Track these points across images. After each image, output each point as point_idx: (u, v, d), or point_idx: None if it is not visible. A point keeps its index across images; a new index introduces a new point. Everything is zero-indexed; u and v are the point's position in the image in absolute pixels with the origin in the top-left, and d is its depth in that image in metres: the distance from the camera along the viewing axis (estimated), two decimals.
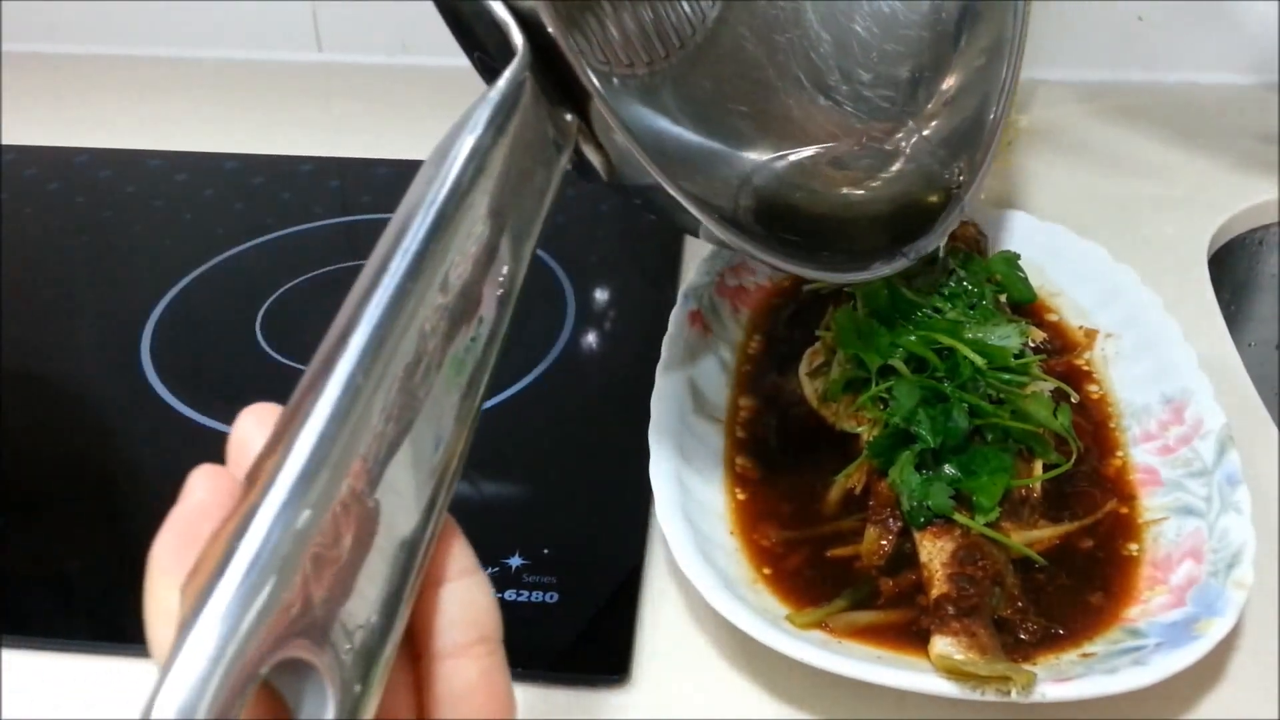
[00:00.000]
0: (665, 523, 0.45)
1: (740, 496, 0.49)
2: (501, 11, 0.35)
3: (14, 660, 0.45)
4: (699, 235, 0.44)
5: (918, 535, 0.45)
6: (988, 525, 0.44)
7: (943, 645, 0.40)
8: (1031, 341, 0.54)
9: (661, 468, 0.47)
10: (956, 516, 0.44)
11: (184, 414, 0.57)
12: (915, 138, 0.56)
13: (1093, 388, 0.55)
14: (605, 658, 0.44)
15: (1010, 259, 0.57)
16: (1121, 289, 0.58)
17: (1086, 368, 0.56)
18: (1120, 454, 0.51)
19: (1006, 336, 0.50)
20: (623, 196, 0.42)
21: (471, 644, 0.27)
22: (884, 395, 0.48)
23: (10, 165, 0.79)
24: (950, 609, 0.41)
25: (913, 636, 0.43)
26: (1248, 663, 0.43)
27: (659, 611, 0.46)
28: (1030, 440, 0.48)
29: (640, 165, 0.38)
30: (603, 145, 0.38)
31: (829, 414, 0.52)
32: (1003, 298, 0.55)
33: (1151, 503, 0.48)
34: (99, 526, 0.51)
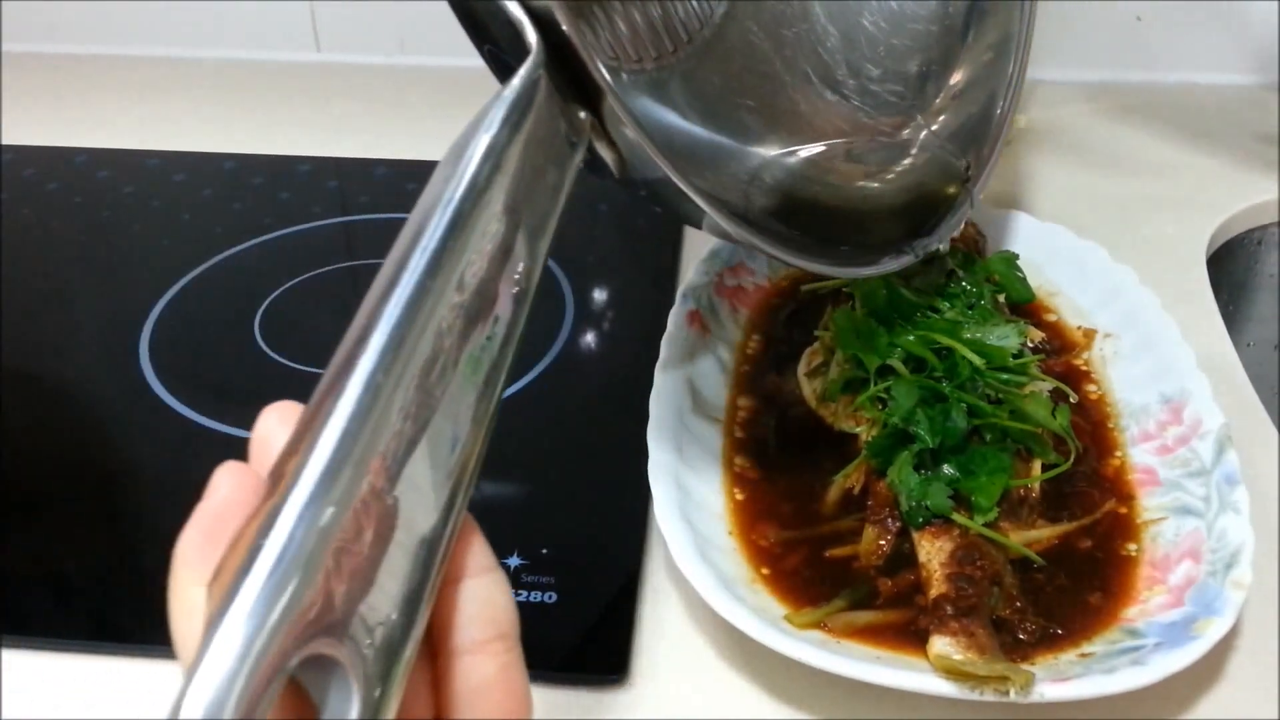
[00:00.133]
0: (664, 523, 0.45)
1: (739, 496, 0.49)
2: (516, 10, 0.35)
3: (14, 660, 0.45)
4: (703, 228, 0.44)
5: (916, 535, 0.45)
6: (986, 525, 0.45)
7: (941, 645, 0.40)
8: (1030, 341, 0.54)
9: (660, 468, 0.47)
10: (955, 516, 0.44)
11: (183, 414, 0.57)
12: (923, 133, 0.56)
13: (1091, 388, 0.55)
14: (604, 658, 0.44)
15: (1009, 259, 0.57)
16: (1120, 289, 0.58)
17: (1085, 368, 0.56)
18: (1119, 454, 0.51)
19: (1005, 336, 0.50)
20: (631, 191, 0.42)
21: (489, 640, 0.27)
22: (882, 395, 0.48)
23: (10, 165, 0.79)
24: (949, 609, 0.41)
25: (911, 636, 0.43)
26: (1246, 663, 0.43)
27: (658, 611, 0.46)
28: (1029, 440, 0.48)
29: (650, 159, 0.38)
30: (615, 141, 0.38)
31: (828, 414, 0.52)
32: (1001, 298, 0.55)
33: (1150, 503, 0.48)
34: (98, 526, 0.51)
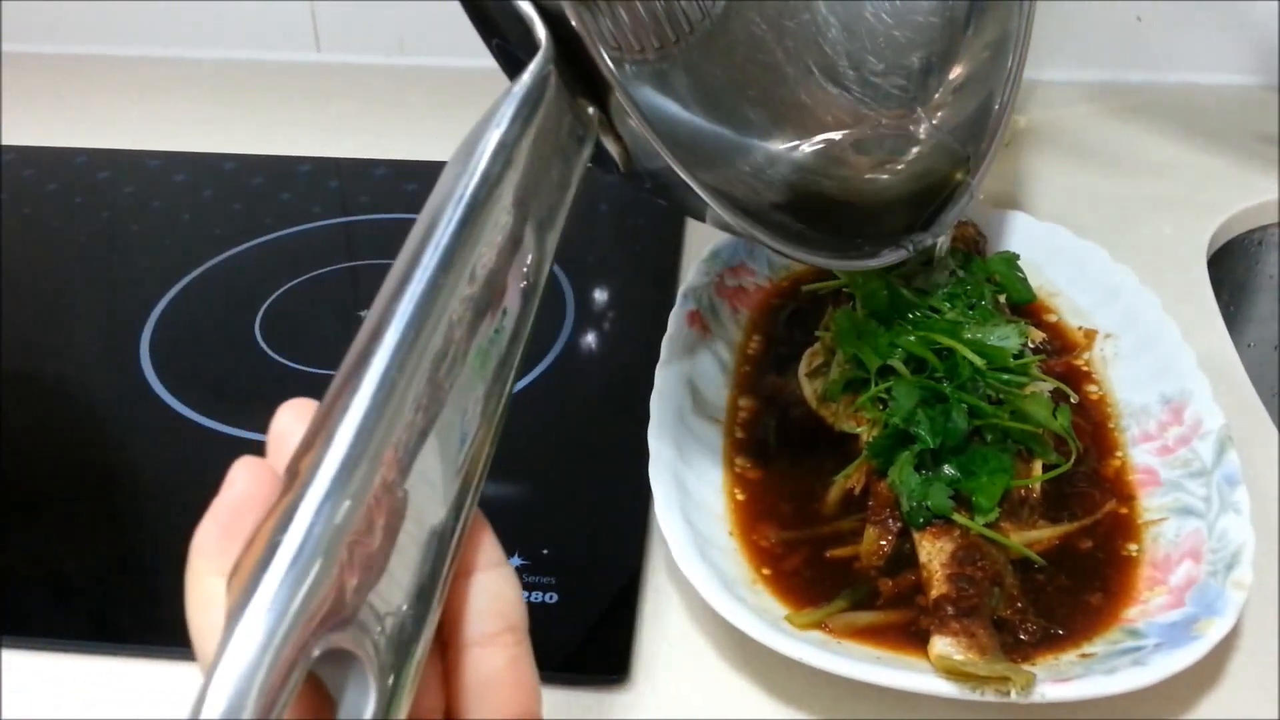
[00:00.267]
0: (665, 523, 0.45)
1: (739, 497, 0.49)
2: (526, 6, 0.35)
3: (14, 660, 0.45)
4: (707, 220, 0.44)
5: (917, 536, 0.45)
6: (987, 526, 0.45)
7: (942, 646, 0.40)
8: (1031, 342, 0.54)
9: (661, 468, 0.47)
10: (956, 517, 0.44)
11: (183, 414, 0.57)
12: (925, 125, 0.56)
13: (1092, 388, 0.55)
14: (605, 658, 0.44)
15: (1009, 259, 0.57)
16: (1121, 289, 0.58)
17: (1086, 368, 0.56)
18: (1119, 454, 0.51)
19: (1006, 337, 0.50)
20: (637, 186, 0.43)
21: (499, 634, 0.27)
22: (883, 396, 0.48)
23: (10, 165, 0.79)
24: (950, 609, 0.41)
25: (912, 637, 0.43)
26: (1247, 663, 0.43)
27: (658, 612, 0.46)
28: (1029, 441, 0.48)
29: (653, 149, 0.38)
30: (621, 135, 0.38)
31: (828, 414, 0.52)
32: (1002, 298, 0.55)
33: (1151, 503, 0.48)
34: (99, 526, 0.51)
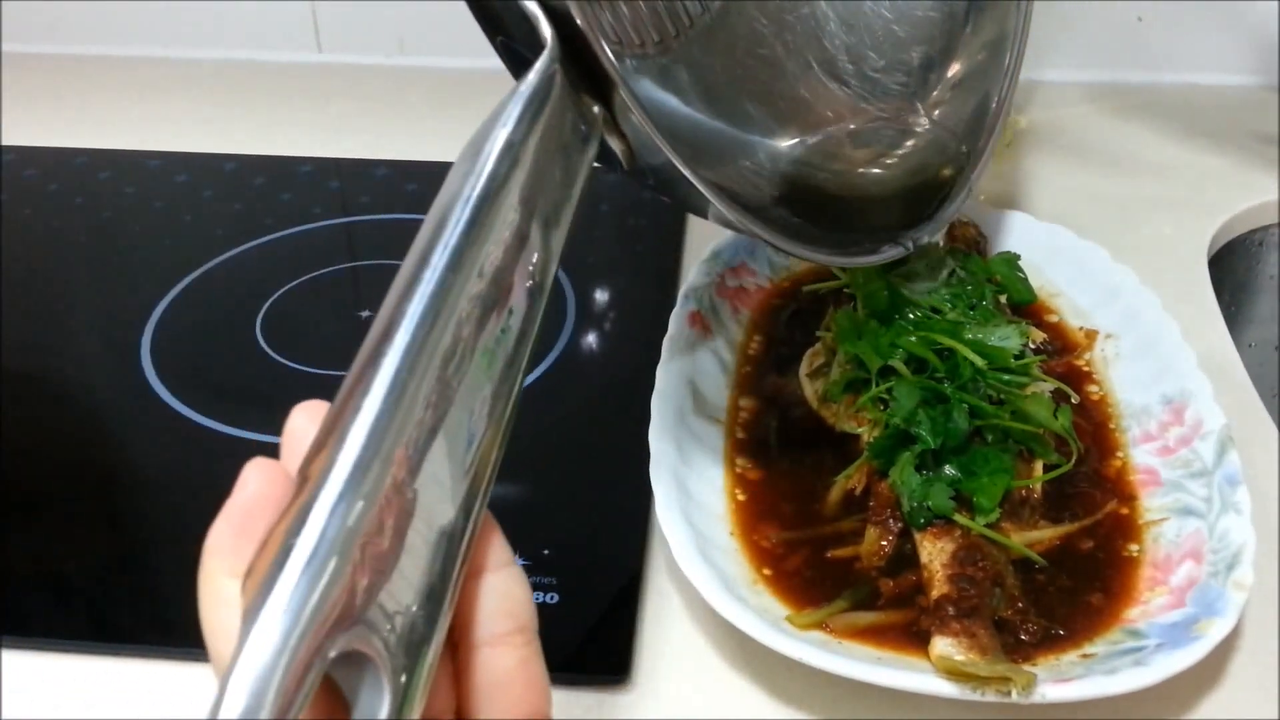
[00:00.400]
0: (665, 523, 0.45)
1: (740, 497, 0.49)
2: (531, 5, 0.35)
3: (14, 660, 0.45)
4: (709, 217, 0.44)
5: (918, 536, 0.45)
6: (988, 526, 0.45)
7: (943, 646, 0.40)
8: (1031, 342, 0.54)
9: (662, 468, 0.47)
10: (957, 517, 0.44)
11: (184, 414, 0.57)
12: (922, 120, 0.56)
13: (1093, 388, 0.55)
14: (605, 658, 0.44)
15: (1010, 259, 0.57)
16: (1121, 289, 0.58)
17: (1086, 368, 0.56)
18: (1120, 455, 0.51)
19: (1006, 337, 0.50)
20: (640, 183, 0.43)
21: (509, 634, 0.27)
22: (884, 396, 0.48)
23: (10, 165, 0.79)
24: (950, 610, 0.41)
25: (913, 637, 0.43)
26: (1248, 663, 0.43)
27: (659, 612, 0.46)
28: (1030, 441, 0.48)
29: (655, 145, 0.39)
30: (624, 132, 0.38)
31: (829, 415, 0.52)
32: (1003, 298, 0.55)
33: (1151, 503, 0.48)
34: (99, 526, 0.51)
